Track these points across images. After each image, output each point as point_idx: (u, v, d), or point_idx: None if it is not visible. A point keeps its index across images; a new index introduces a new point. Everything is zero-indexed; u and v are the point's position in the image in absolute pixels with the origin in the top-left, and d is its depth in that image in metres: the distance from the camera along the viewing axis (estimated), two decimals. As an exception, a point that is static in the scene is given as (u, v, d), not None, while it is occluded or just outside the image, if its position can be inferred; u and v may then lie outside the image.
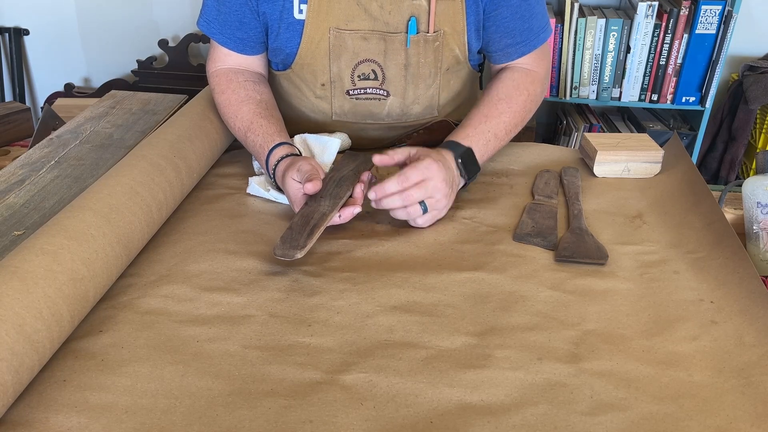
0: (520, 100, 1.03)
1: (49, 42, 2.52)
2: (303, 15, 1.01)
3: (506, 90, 1.04)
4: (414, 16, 1.01)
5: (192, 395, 0.62)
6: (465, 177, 0.95)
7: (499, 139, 1.00)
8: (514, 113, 1.02)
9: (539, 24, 1.05)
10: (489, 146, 0.99)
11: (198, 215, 0.91)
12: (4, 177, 0.96)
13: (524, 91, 1.04)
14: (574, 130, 2.32)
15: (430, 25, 1.01)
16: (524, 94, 1.04)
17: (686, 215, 0.89)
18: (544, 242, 0.85)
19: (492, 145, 0.99)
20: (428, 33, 1.02)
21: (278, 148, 0.94)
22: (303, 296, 0.75)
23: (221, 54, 1.07)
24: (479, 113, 1.00)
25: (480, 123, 0.99)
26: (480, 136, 0.98)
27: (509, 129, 1.02)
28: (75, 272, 0.66)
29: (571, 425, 0.59)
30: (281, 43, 1.04)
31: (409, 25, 1.01)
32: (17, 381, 0.58)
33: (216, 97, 1.06)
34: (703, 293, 0.76)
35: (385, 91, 1.07)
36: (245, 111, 1.01)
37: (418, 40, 1.02)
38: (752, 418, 0.60)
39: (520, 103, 1.03)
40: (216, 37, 1.06)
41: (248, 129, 0.99)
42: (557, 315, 0.73)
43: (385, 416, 0.60)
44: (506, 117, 1.01)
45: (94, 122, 1.16)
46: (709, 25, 2.11)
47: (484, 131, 0.98)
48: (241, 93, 1.03)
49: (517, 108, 1.03)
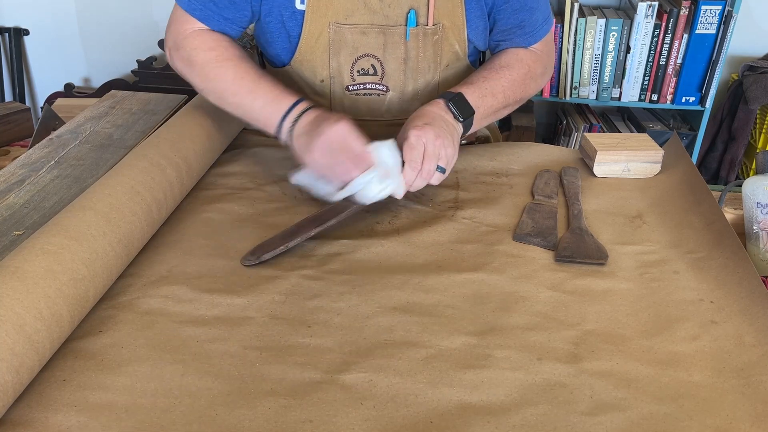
0: (521, 72, 1.03)
1: (49, 42, 2.52)
2: (304, 6, 1.00)
3: (508, 60, 1.04)
4: (413, 8, 1.01)
5: (192, 395, 0.62)
6: (460, 119, 0.94)
7: (496, 98, 0.99)
8: (513, 81, 1.02)
9: (543, 15, 1.06)
10: (485, 101, 0.98)
11: (198, 215, 0.91)
12: (4, 177, 0.96)
13: (525, 65, 1.04)
14: (574, 130, 2.32)
15: (429, 17, 1.02)
16: (525, 68, 1.04)
17: (686, 215, 0.89)
18: (544, 242, 0.85)
19: (488, 101, 0.98)
20: (427, 26, 1.02)
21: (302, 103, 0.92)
22: (303, 299, 0.75)
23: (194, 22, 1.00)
24: (477, 75, 1.01)
25: (476, 81, 0.99)
26: (474, 89, 0.97)
27: (507, 94, 1.01)
28: (75, 272, 0.66)
29: (571, 425, 0.59)
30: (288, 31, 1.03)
31: (408, 18, 1.01)
32: (17, 381, 0.58)
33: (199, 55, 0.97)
34: (703, 293, 0.76)
35: (384, 86, 1.07)
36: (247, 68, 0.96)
37: (417, 33, 1.02)
38: (752, 418, 0.60)
39: (521, 74, 1.03)
40: (197, 12, 0.98)
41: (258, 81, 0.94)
42: (557, 315, 0.73)
43: (385, 416, 0.60)
44: (505, 82, 1.01)
45: (94, 122, 1.16)
46: (709, 25, 2.11)
47: (480, 87, 0.98)
48: (236, 51, 0.98)
49: (516, 77, 1.02)
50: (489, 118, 1.02)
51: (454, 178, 1.02)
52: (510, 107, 1.04)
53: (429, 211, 0.93)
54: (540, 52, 1.08)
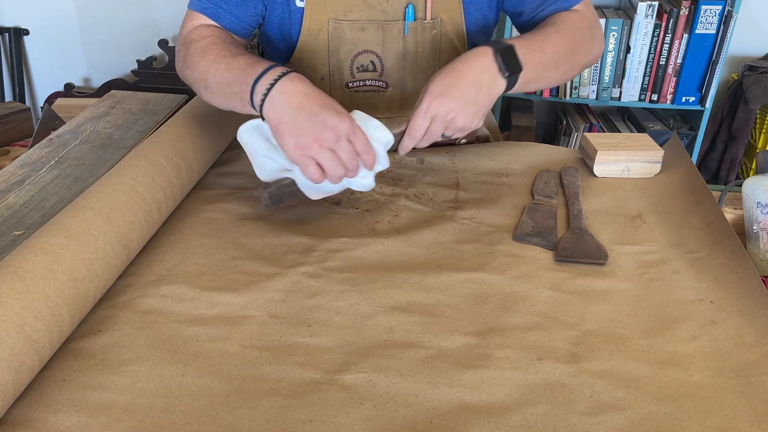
0: (569, 30, 0.96)
1: (49, 42, 2.52)
2: (303, 3, 1.00)
3: (552, 20, 0.99)
4: (411, 3, 1.01)
5: (191, 394, 0.62)
6: (506, 74, 0.86)
7: (546, 54, 0.91)
8: (562, 37, 0.94)
9: None
10: (534, 57, 0.90)
11: (198, 215, 0.91)
12: (4, 177, 0.96)
13: (572, 24, 0.98)
14: (574, 130, 2.32)
15: (428, 12, 1.02)
16: (572, 26, 0.97)
17: (686, 215, 0.89)
18: (544, 242, 0.85)
19: (537, 57, 0.90)
20: (425, 20, 1.02)
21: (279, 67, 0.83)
22: (303, 297, 0.75)
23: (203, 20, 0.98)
24: (526, 35, 0.94)
25: (526, 37, 0.92)
26: (524, 43, 0.90)
27: (557, 50, 0.93)
28: (75, 272, 0.66)
29: (571, 425, 0.59)
30: (288, 29, 1.02)
31: (406, 12, 1.01)
32: (17, 381, 0.58)
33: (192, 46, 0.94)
34: (703, 293, 0.76)
35: (383, 83, 1.07)
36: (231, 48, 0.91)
37: (416, 27, 1.03)
38: (752, 418, 0.60)
39: (569, 31, 0.96)
40: (207, 10, 0.97)
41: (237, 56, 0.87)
42: (557, 315, 0.73)
43: (385, 416, 0.60)
44: (554, 38, 0.94)
45: (94, 122, 1.16)
46: (709, 25, 2.11)
47: (530, 42, 0.91)
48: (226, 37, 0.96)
49: (566, 33, 0.95)
50: (537, 81, 0.94)
51: (454, 178, 1.02)
52: (562, 69, 0.96)
53: (429, 210, 0.93)
54: (583, 12, 1.01)
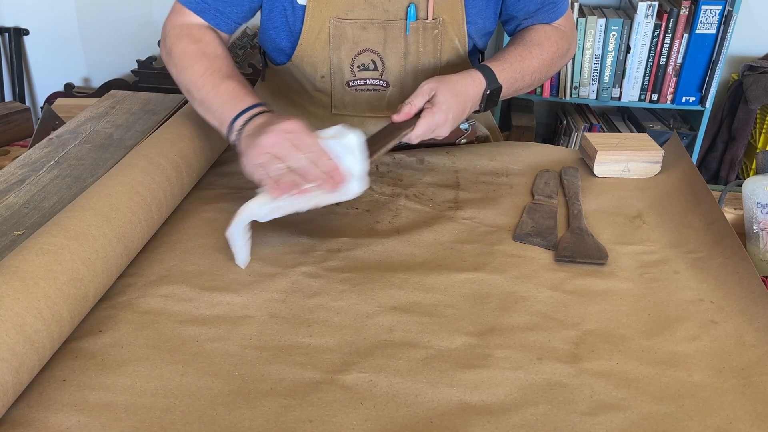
0: (551, 50, 1.05)
1: (49, 42, 2.52)
2: (304, 1, 1.00)
3: (539, 38, 1.05)
4: (413, 2, 1.02)
5: (191, 395, 0.62)
6: (481, 109, 0.98)
7: (524, 81, 1.03)
8: (542, 62, 1.04)
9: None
10: (514, 86, 1.02)
11: (198, 215, 0.91)
12: (4, 177, 0.96)
13: (554, 43, 1.06)
14: (574, 130, 2.32)
15: (429, 11, 1.02)
16: (554, 46, 1.06)
17: (686, 215, 0.89)
18: (544, 242, 0.85)
19: (517, 85, 1.02)
20: (427, 20, 1.03)
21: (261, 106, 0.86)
22: (303, 297, 0.75)
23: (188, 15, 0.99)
24: (515, 52, 1.03)
25: (516, 61, 1.01)
26: (511, 75, 1.00)
27: (534, 77, 1.04)
28: (75, 272, 0.66)
29: (571, 425, 0.59)
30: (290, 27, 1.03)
31: (408, 12, 1.02)
32: (17, 381, 0.58)
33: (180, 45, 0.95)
34: (703, 293, 0.76)
35: (384, 82, 1.07)
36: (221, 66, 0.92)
37: (417, 27, 1.03)
38: (752, 418, 0.60)
39: (550, 53, 1.05)
40: (192, 5, 0.98)
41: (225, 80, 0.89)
42: (557, 315, 0.73)
43: (385, 416, 0.60)
44: (536, 63, 1.03)
45: (94, 122, 1.16)
46: (709, 25, 2.11)
47: (516, 70, 1.01)
48: (219, 50, 0.96)
49: (546, 57, 1.05)
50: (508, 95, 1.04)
51: (454, 177, 1.02)
52: (531, 88, 1.07)
53: (429, 211, 0.93)
54: (564, 29, 1.09)
